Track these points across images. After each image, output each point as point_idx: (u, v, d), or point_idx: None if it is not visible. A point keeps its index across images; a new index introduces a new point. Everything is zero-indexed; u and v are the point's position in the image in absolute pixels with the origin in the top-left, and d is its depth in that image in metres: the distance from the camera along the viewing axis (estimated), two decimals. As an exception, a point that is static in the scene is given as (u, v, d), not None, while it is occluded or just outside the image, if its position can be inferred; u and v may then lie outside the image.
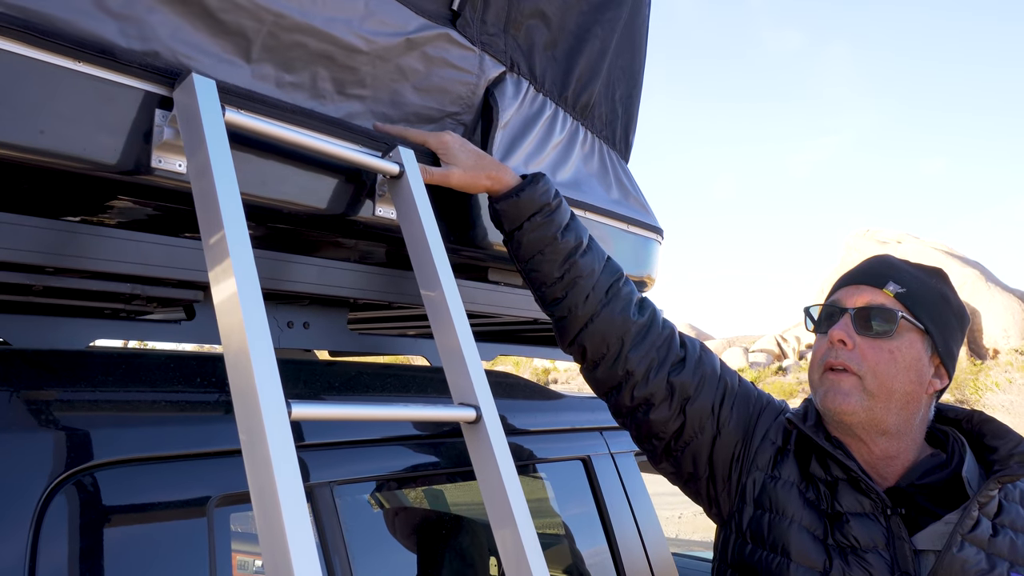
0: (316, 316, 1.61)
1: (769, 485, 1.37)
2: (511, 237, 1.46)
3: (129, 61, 1.06)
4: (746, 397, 1.47)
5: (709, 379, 1.44)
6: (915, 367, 1.31)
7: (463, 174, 1.42)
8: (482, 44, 1.58)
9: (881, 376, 1.29)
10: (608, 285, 1.46)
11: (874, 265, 1.40)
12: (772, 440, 1.42)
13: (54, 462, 1.01)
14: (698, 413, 1.42)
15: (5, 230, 1.07)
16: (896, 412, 1.30)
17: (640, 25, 2.15)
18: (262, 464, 0.91)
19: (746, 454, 1.41)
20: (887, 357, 1.30)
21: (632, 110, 2.17)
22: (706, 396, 1.43)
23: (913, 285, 1.34)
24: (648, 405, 1.43)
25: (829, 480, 1.34)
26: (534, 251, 1.44)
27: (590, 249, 1.47)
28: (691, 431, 1.42)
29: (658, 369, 1.42)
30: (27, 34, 0.97)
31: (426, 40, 1.45)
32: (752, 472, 1.40)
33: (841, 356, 1.32)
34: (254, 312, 0.97)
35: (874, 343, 1.31)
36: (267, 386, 0.94)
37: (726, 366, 1.50)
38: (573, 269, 1.43)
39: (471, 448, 1.21)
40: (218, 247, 1.01)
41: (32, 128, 0.98)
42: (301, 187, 1.27)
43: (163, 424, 1.14)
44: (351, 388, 1.47)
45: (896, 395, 1.30)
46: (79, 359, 1.19)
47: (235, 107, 1.14)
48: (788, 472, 1.37)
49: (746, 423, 1.43)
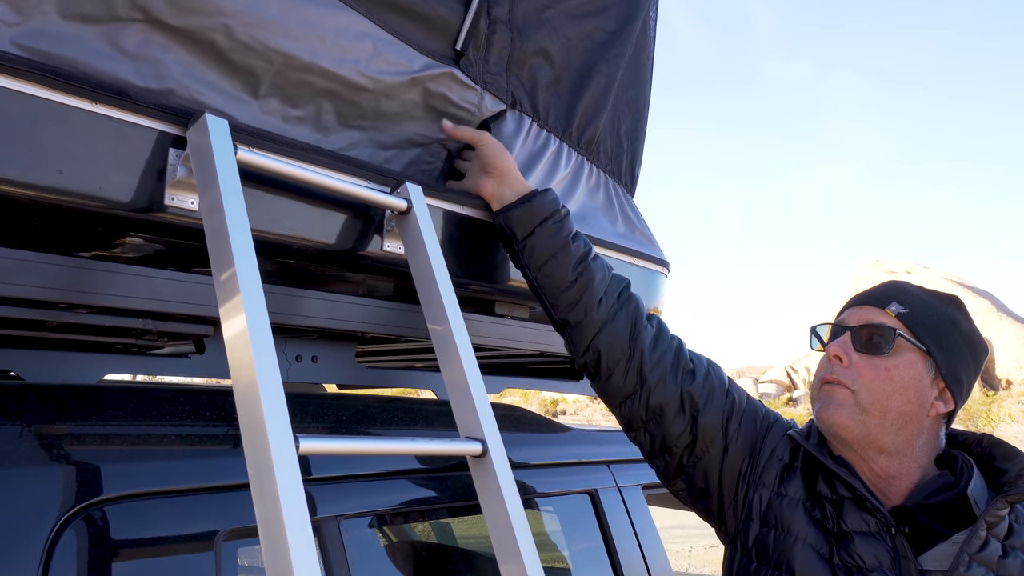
0: (324, 350, 1.63)
1: (775, 502, 1.37)
2: (523, 244, 1.48)
3: (144, 102, 1.09)
4: (754, 414, 1.47)
5: (718, 392, 1.46)
6: (914, 387, 1.30)
7: (495, 141, 1.53)
8: (484, 83, 1.61)
9: (875, 393, 1.30)
10: (619, 290, 1.49)
11: (883, 288, 1.42)
12: (779, 457, 1.42)
13: (64, 496, 1.02)
14: (708, 426, 1.43)
15: (23, 267, 1.09)
16: (893, 431, 1.30)
17: (645, 60, 2.18)
18: (270, 499, 0.92)
19: (752, 471, 1.42)
20: (882, 375, 1.30)
21: (637, 144, 2.20)
22: (715, 409, 1.44)
23: (917, 306, 1.34)
24: (661, 415, 1.43)
25: (835, 499, 1.33)
26: (547, 255, 1.46)
27: (597, 257, 1.51)
28: (702, 445, 1.43)
29: (671, 377, 1.44)
30: (46, 77, 1.00)
31: (430, 78, 1.49)
32: (759, 489, 1.40)
33: (837, 372, 1.33)
34: (264, 348, 0.98)
35: (870, 360, 1.31)
36: (276, 421, 0.95)
37: (734, 382, 1.51)
38: (586, 272, 1.46)
39: (477, 482, 1.22)
40: (229, 283, 1.03)
41: (51, 168, 1.01)
42: (311, 223, 1.29)
43: (172, 458, 1.15)
44: (358, 422, 1.47)
45: (891, 413, 1.30)
46: (90, 394, 1.20)
47: (246, 145, 1.17)
48: (794, 489, 1.38)
49: (753, 440, 1.44)
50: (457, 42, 1.55)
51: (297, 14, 1.28)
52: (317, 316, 1.44)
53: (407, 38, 1.46)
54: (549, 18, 1.76)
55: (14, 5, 1.02)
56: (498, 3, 1.61)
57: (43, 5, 1.05)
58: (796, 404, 41.50)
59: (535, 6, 1.72)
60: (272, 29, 1.24)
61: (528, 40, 1.70)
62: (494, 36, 1.62)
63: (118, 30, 1.12)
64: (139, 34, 1.13)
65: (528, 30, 1.70)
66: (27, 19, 1.04)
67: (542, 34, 1.73)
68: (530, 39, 1.70)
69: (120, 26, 1.12)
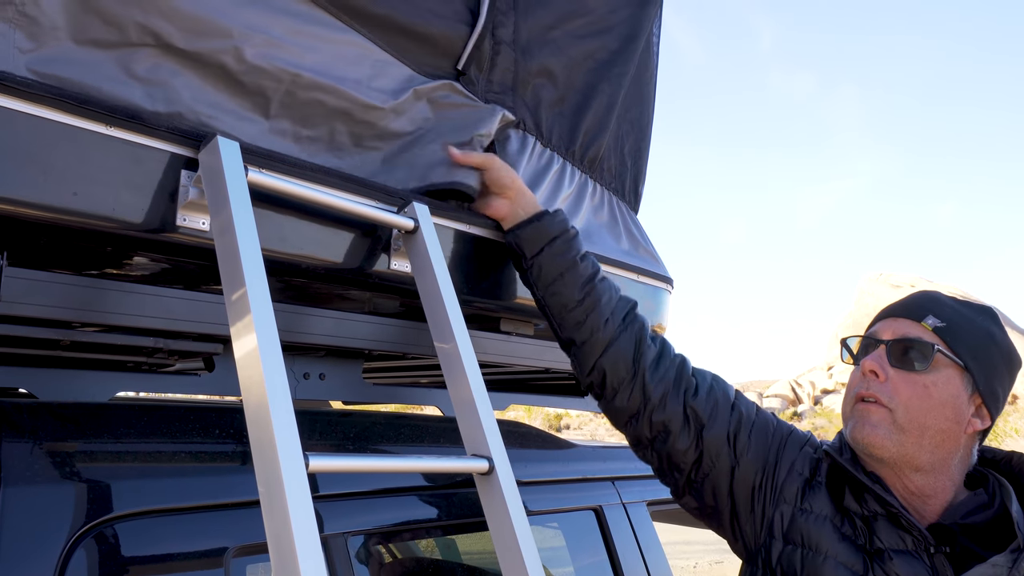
0: (332, 367, 1.64)
1: (799, 519, 1.34)
2: (532, 263, 1.49)
3: (157, 125, 1.12)
4: (764, 426, 1.44)
5: (722, 406, 1.44)
6: (952, 404, 1.27)
7: (503, 164, 1.53)
8: (486, 100, 1.63)
9: (913, 411, 1.26)
10: (625, 311, 1.49)
11: (917, 299, 1.37)
12: (799, 472, 1.39)
13: (76, 513, 1.03)
14: (714, 441, 1.41)
15: (36, 287, 1.11)
16: (930, 449, 1.26)
17: (648, 79, 2.21)
18: (280, 515, 0.93)
19: (771, 486, 1.38)
20: (920, 392, 1.26)
21: (641, 162, 2.22)
22: (720, 424, 1.42)
23: (955, 320, 1.30)
24: (666, 432, 1.43)
25: (866, 515, 1.30)
26: (555, 275, 1.48)
27: (605, 279, 1.52)
28: (708, 461, 1.41)
29: (674, 394, 1.43)
30: (62, 101, 1.02)
31: (431, 90, 1.51)
32: (779, 505, 1.36)
33: (872, 388, 1.29)
34: (274, 367, 1.00)
35: (908, 376, 1.27)
36: (286, 440, 0.96)
37: (742, 396, 1.49)
38: (593, 292, 1.47)
39: (484, 499, 1.23)
40: (240, 303, 1.05)
41: (66, 190, 1.03)
42: (319, 242, 1.31)
43: (182, 475, 1.17)
44: (366, 439, 1.49)
45: (929, 432, 1.26)
46: (102, 411, 1.22)
47: (257, 167, 1.19)
48: (820, 505, 1.34)
49: (765, 453, 1.41)
50: (459, 62, 1.57)
51: (302, 35, 1.30)
52: (325, 334, 1.46)
53: (407, 58, 1.48)
54: (554, 38, 1.78)
55: (29, 32, 1.05)
56: (503, 24, 1.64)
57: (57, 31, 1.08)
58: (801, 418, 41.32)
59: (540, 26, 1.74)
60: (279, 49, 1.27)
61: (532, 60, 1.72)
62: (498, 57, 1.64)
63: (130, 55, 1.14)
64: (150, 59, 1.16)
65: (532, 50, 1.72)
66: (41, 45, 1.07)
67: (546, 54, 1.76)
68: (534, 59, 1.72)
69: (132, 51, 1.14)
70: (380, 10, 1.42)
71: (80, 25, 1.10)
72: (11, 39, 1.04)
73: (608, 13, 1.93)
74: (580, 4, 1.85)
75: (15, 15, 1.03)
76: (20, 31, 1.04)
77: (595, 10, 1.89)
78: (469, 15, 1.58)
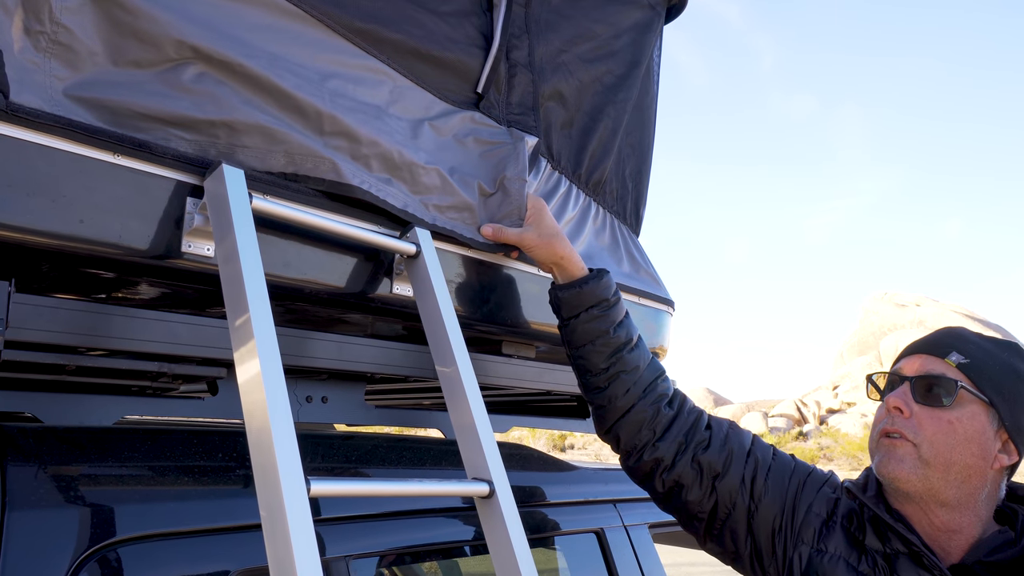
0: (334, 390, 1.65)
1: (816, 559, 1.35)
2: (567, 324, 1.53)
3: (163, 153, 1.13)
4: (782, 469, 1.47)
5: (737, 455, 1.46)
6: (977, 440, 1.27)
7: (539, 240, 1.52)
8: (508, 123, 1.66)
9: (938, 446, 1.27)
10: (649, 382, 1.52)
11: (941, 336, 1.39)
12: (817, 513, 1.40)
13: (80, 537, 1.04)
14: (728, 488, 1.44)
15: (41, 312, 1.12)
16: (956, 485, 1.27)
17: (650, 104, 2.23)
18: (281, 539, 0.94)
19: (791, 528, 1.40)
20: (945, 427, 1.27)
21: (642, 185, 2.24)
22: (735, 471, 1.44)
23: (979, 356, 1.32)
24: (680, 487, 1.46)
25: (888, 553, 1.31)
26: (586, 340, 1.51)
27: (638, 347, 1.54)
28: (724, 508, 1.44)
29: (684, 452, 1.47)
30: (69, 131, 1.04)
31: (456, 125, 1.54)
32: (798, 546, 1.38)
33: (897, 424, 1.30)
34: (276, 392, 1.01)
35: (932, 412, 1.29)
36: (287, 464, 0.98)
37: (759, 441, 1.52)
38: (619, 363, 1.50)
39: (484, 523, 1.23)
40: (243, 329, 1.06)
41: (73, 218, 1.05)
42: (322, 267, 1.32)
43: (185, 499, 1.17)
44: (367, 462, 1.49)
45: (955, 467, 1.27)
46: (106, 435, 1.23)
47: (261, 193, 1.21)
48: (835, 545, 1.35)
49: (784, 495, 1.43)
50: (478, 85, 1.60)
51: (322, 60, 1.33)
52: (327, 357, 1.47)
53: (427, 84, 1.51)
54: (565, 61, 1.82)
55: (65, 60, 1.07)
56: (517, 47, 1.67)
57: (95, 57, 1.10)
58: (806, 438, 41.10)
59: (552, 50, 1.77)
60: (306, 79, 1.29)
61: (545, 83, 1.75)
62: (515, 79, 1.67)
63: (171, 70, 1.16)
64: (193, 71, 1.17)
65: (545, 73, 1.75)
66: (79, 71, 1.08)
67: (558, 77, 1.79)
68: (547, 82, 1.75)
69: (172, 66, 1.16)
70: (395, 36, 1.44)
71: (117, 47, 1.12)
72: (47, 68, 1.05)
73: (612, 38, 1.96)
74: (586, 29, 1.88)
75: (49, 44, 1.05)
76: (55, 59, 1.06)
77: (600, 35, 1.92)
78: (483, 39, 1.61)
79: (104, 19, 1.10)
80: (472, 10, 1.60)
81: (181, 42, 1.15)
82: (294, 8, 1.31)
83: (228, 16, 1.23)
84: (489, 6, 1.64)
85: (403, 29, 1.46)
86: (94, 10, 1.09)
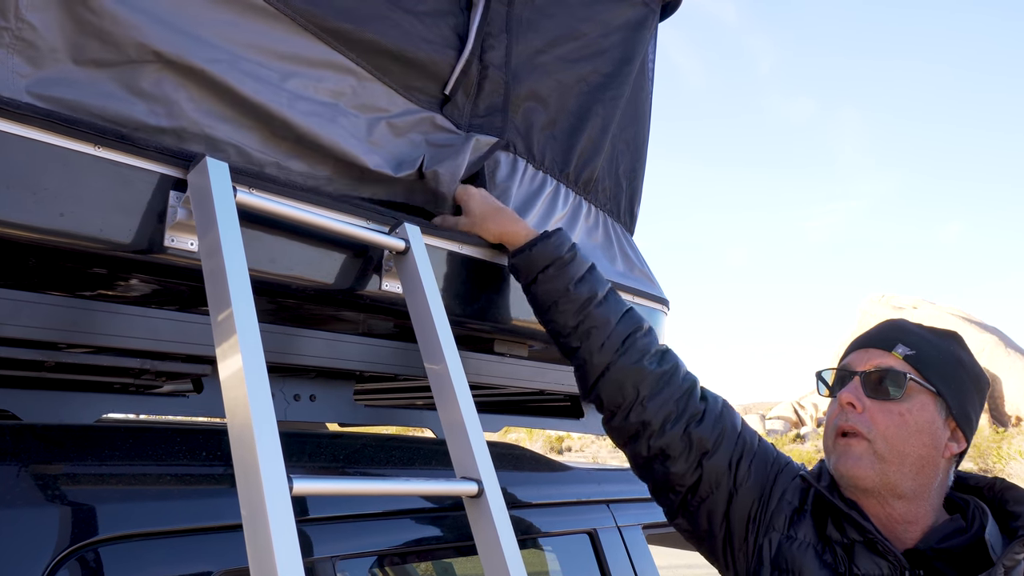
0: (323, 389, 1.63)
1: (785, 546, 1.36)
2: (527, 291, 1.53)
3: (146, 145, 1.12)
4: (764, 457, 1.46)
5: (728, 435, 1.45)
6: (928, 430, 1.30)
7: (471, 223, 1.55)
8: (469, 127, 1.63)
9: (892, 440, 1.28)
10: (625, 336, 1.48)
11: (884, 329, 1.41)
12: (789, 501, 1.41)
13: (59, 537, 1.02)
14: (715, 468, 1.42)
15: (20, 307, 1.10)
16: (911, 476, 1.29)
17: (643, 100, 2.21)
18: (262, 540, 0.92)
19: (763, 515, 1.41)
20: (897, 420, 1.29)
21: (636, 183, 2.22)
22: (724, 452, 1.43)
23: (923, 347, 1.34)
24: (665, 456, 1.44)
25: (846, 543, 1.32)
26: (548, 302, 1.50)
27: (606, 300, 1.51)
28: (707, 486, 1.42)
29: (675, 421, 1.44)
30: (50, 122, 1.02)
31: (410, 125, 1.52)
32: (769, 533, 1.39)
33: (851, 419, 1.31)
34: (259, 389, 0.99)
35: (884, 406, 1.30)
36: (269, 462, 0.95)
37: (747, 424, 1.51)
38: (587, 319, 1.48)
39: (473, 523, 1.21)
40: (226, 324, 1.04)
41: (53, 211, 1.03)
42: (309, 263, 1.30)
43: (167, 498, 1.15)
44: (355, 461, 1.47)
45: (909, 459, 1.29)
46: (87, 433, 1.21)
47: (246, 187, 1.19)
48: (804, 533, 1.36)
49: (763, 483, 1.43)
50: (446, 87, 1.58)
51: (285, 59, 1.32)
52: (315, 355, 1.45)
53: (391, 79, 1.49)
54: (543, 62, 1.79)
55: (27, 56, 1.05)
56: (493, 47, 1.65)
57: (56, 54, 1.09)
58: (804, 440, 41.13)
59: (530, 50, 1.75)
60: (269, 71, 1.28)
61: (521, 84, 1.72)
62: (485, 80, 1.64)
63: (130, 72, 1.15)
64: (152, 75, 1.17)
65: (521, 74, 1.73)
66: (40, 68, 1.07)
67: (535, 78, 1.76)
68: (523, 83, 1.73)
69: (132, 69, 1.15)
70: (368, 35, 1.42)
71: (79, 46, 1.11)
72: (9, 64, 1.04)
73: (600, 37, 1.94)
74: (572, 28, 1.86)
75: (12, 40, 1.04)
76: (17, 56, 1.05)
77: (588, 34, 1.90)
78: (457, 40, 1.59)
79: (68, 17, 1.09)
80: (450, 10, 1.58)
81: (143, 44, 1.14)
82: (266, 6, 1.29)
83: (194, 14, 1.22)
84: (468, 5, 1.62)
85: (376, 28, 1.44)
86: (59, 7, 1.08)
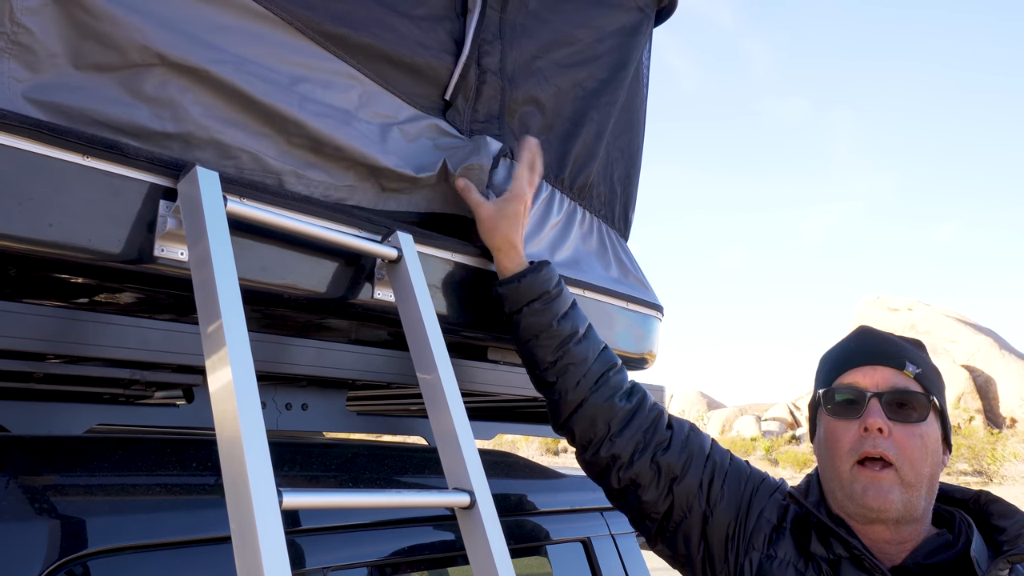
0: (315, 397, 1.62)
1: (766, 565, 1.35)
2: (510, 319, 1.52)
3: (136, 155, 1.10)
4: (737, 475, 1.46)
5: (696, 458, 1.45)
6: (936, 449, 1.29)
7: (495, 216, 1.51)
8: (471, 132, 1.63)
9: (916, 464, 1.26)
10: (600, 374, 1.49)
11: (879, 343, 1.36)
12: (768, 519, 1.40)
13: (48, 550, 1.01)
14: (686, 492, 1.42)
15: (8, 318, 1.09)
16: (926, 497, 1.28)
17: (638, 106, 2.21)
18: (251, 554, 0.91)
19: (742, 534, 1.40)
20: (919, 443, 1.26)
21: (631, 189, 2.22)
22: (693, 475, 1.43)
23: (922, 363, 1.31)
24: (636, 486, 1.44)
25: (831, 558, 1.30)
26: (530, 335, 1.49)
27: (586, 338, 1.51)
28: (680, 511, 1.42)
29: (643, 451, 1.44)
30: (38, 132, 1.01)
31: (417, 131, 1.51)
32: (749, 552, 1.38)
33: (880, 445, 1.26)
34: (248, 401, 0.98)
35: (907, 429, 1.26)
36: (259, 475, 0.95)
37: (717, 445, 1.50)
38: (566, 356, 1.48)
39: (465, 534, 1.20)
40: (215, 336, 1.03)
41: (41, 221, 1.02)
42: (301, 272, 1.29)
43: (158, 511, 1.14)
44: (347, 471, 1.46)
45: (925, 480, 1.27)
46: (76, 445, 1.20)
47: (237, 196, 1.18)
48: (784, 551, 1.35)
49: (738, 502, 1.42)
50: (446, 92, 1.57)
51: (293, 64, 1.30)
52: (307, 364, 1.44)
53: (396, 88, 1.48)
54: (540, 68, 1.79)
55: (24, 61, 1.04)
56: (489, 53, 1.64)
57: (55, 59, 1.07)
58: (799, 442, 41.18)
59: (525, 56, 1.74)
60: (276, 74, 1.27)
61: (518, 89, 1.72)
62: (484, 86, 1.64)
63: (133, 76, 1.13)
64: (156, 78, 1.15)
65: (518, 80, 1.72)
66: (39, 73, 1.05)
67: (532, 83, 1.76)
68: (520, 88, 1.73)
69: (135, 72, 1.13)
70: (365, 40, 1.42)
71: (79, 50, 1.09)
72: (5, 69, 1.02)
73: (595, 42, 1.94)
74: (566, 33, 1.86)
75: (8, 44, 1.02)
76: (13, 60, 1.03)
77: (582, 39, 1.90)
78: (454, 45, 1.59)
79: (66, 21, 1.07)
80: (445, 15, 1.58)
81: (145, 47, 1.12)
82: (263, 10, 1.28)
83: (195, 18, 1.20)
84: (463, 10, 1.61)
85: (374, 33, 1.43)
86: (56, 11, 1.06)
